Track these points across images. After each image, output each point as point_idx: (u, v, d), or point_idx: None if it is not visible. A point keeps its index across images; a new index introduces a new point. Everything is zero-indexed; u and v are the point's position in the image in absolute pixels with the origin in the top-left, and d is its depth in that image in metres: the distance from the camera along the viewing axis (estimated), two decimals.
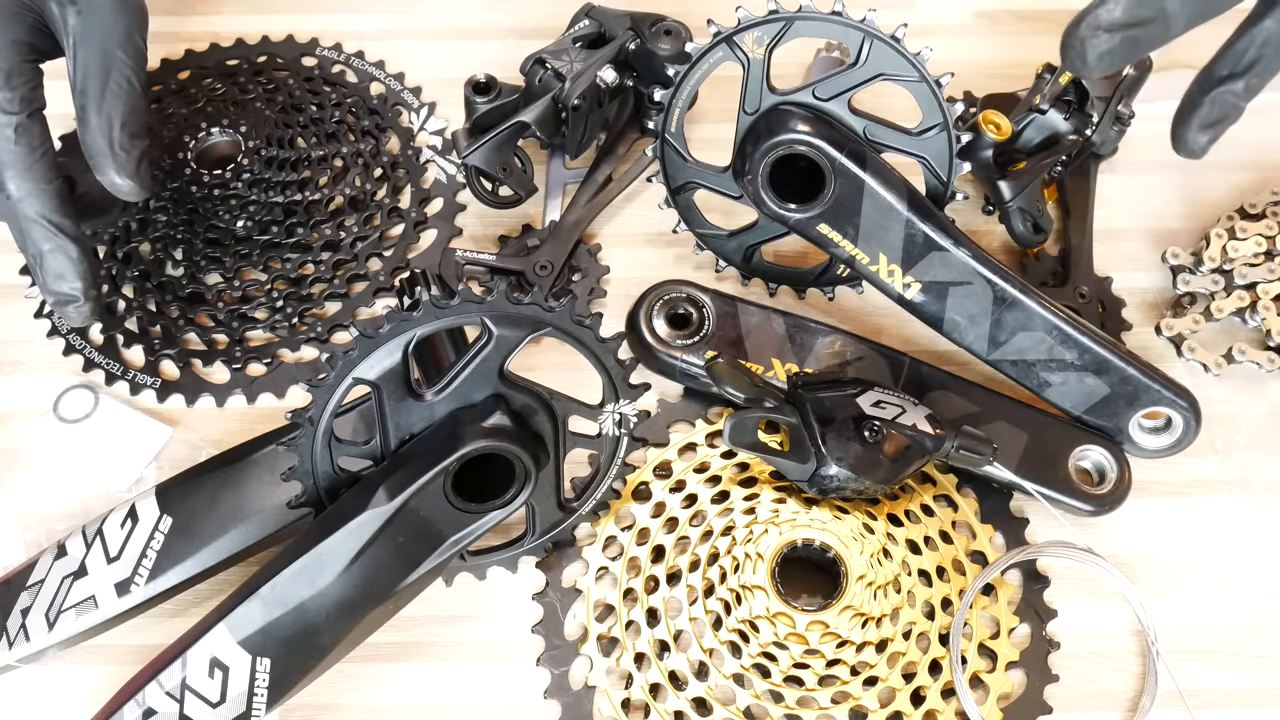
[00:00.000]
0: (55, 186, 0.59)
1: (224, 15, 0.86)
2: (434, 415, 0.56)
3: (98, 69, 0.59)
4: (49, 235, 0.59)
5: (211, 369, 0.71)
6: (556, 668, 0.61)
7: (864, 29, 0.62)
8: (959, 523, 0.65)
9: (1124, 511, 0.65)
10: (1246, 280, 0.70)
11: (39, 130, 0.58)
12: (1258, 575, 0.65)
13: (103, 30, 0.59)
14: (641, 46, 0.73)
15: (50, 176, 0.58)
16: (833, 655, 0.60)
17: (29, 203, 0.58)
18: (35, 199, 0.58)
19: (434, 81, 0.82)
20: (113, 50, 0.59)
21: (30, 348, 0.71)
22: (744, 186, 0.67)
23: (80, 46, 0.59)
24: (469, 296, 0.53)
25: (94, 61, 0.59)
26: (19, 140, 0.57)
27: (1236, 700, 0.61)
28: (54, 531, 0.64)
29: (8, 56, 0.57)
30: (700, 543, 0.63)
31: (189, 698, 0.53)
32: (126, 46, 0.60)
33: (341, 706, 0.60)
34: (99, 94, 0.59)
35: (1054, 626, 0.63)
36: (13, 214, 0.60)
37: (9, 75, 0.57)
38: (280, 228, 0.74)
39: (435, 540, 0.56)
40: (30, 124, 0.57)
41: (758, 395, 0.63)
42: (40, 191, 0.58)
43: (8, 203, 0.59)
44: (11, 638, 0.58)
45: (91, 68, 0.59)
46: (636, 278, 0.72)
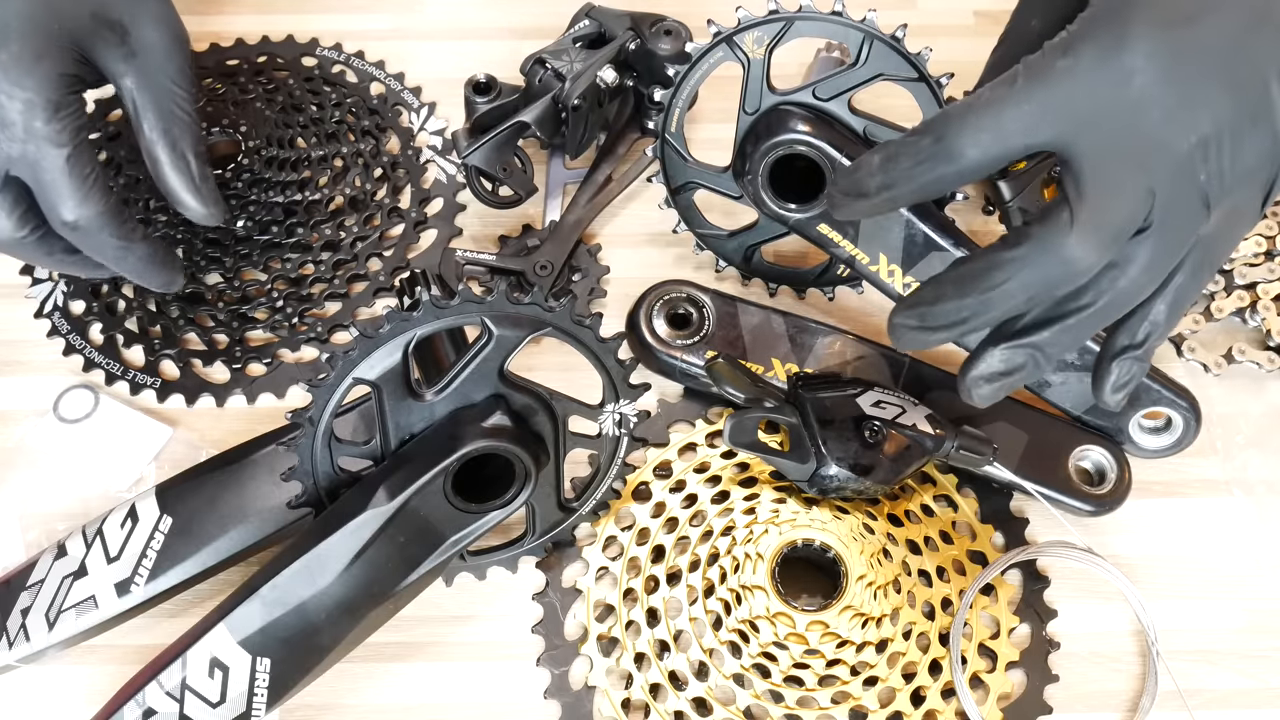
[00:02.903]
0: (112, 204, 0.59)
1: (224, 15, 0.85)
2: (434, 415, 0.56)
3: (163, 110, 0.60)
4: (121, 253, 0.60)
5: (211, 369, 0.71)
6: (556, 668, 0.61)
7: (864, 29, 0.62)
8: (959, 523, 0.65)
9: (1124, 511, 0.65)
10: (1246, 280, 0.70)
11: (89, 156, 0.58)
12: (1258, 575, 0.65)
13: (160, 69, 0.60)
14: (641, 46, 0.73)
15: (105, 197, 0.59)
16: (833, 655, 0.60)
17: (93, 227, 0.59)
18: (97, 221, 0.58)
19: (434, 81, 0.82)
20: (172, 88, 0.61)
21: (30, 348, 0.71)
22: (744, 186, 0.67)
23: (140, 90, 0.60)
24: (469, 296, 0.53)
25: (157, 103, 0.60)
26: (72, 171, 0.57)
27: (1236, 700, 0.61)
28: (54, 531, 0.64)
29: (56, 89, 0.57)
30: (700, 543, 0.63)
31: (189, 698, 0.53)
32: (181, 81, 0.61)
33: (341, 706, 0.60)
34: (168, 133, 0.60)
35: (1054, 626, 0.63)
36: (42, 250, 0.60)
37: (58, 107, 0.57)
38: (280, 228, 0.74)
39: (435, 540, 0.56)
40: (80, 153, 0.58)
41: (758, 395, 0.63)
42: (99, 214, 0.58)
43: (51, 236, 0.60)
44: (11, 638, 0.58)
45: (158, 109, 0.60)
46: (636, 278, 0.72)
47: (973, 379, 0.50)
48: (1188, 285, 0.49)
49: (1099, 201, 0.45)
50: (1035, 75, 0.45)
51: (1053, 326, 0.49)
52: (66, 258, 0.62)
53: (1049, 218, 0.46)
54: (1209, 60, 0.45)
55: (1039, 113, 0.45)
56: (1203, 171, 0.46)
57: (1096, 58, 0.45)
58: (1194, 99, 0.45)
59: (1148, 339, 0.50)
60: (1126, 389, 0.51)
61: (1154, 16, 0.45)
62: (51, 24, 0.58)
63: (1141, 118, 0.45)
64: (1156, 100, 0.45)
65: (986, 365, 0.50)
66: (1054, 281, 0.47)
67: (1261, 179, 0.47)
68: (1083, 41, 0.45)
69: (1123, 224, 0.46)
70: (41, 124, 0.57)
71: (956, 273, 0.49)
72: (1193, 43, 0.45)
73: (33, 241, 0.60)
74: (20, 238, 0.59)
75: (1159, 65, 0.44)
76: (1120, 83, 0.45)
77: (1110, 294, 0.48)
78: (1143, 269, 0.47)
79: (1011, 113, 0.45)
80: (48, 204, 0.58)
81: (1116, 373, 0.51)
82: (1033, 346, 0.49)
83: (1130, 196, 0.45)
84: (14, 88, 0.56)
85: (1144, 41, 0.45)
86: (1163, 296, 0.49)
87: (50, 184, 0.57)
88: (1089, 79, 0.45)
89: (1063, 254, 0.46)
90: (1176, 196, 0.46)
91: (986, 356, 0.50)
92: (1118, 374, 0.51)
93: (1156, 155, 0.45)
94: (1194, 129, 0.45)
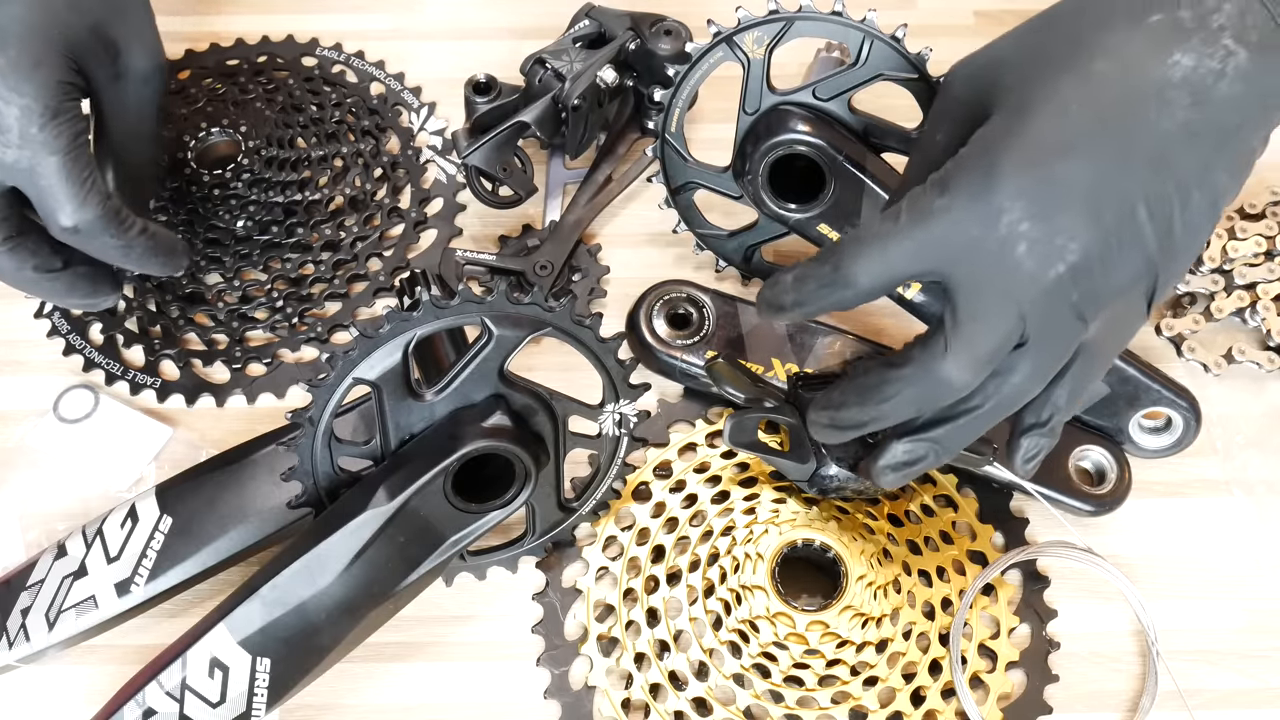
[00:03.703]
0: (110, 207, 0.59)
1: (224, 15, 0.85)
2: (434, 415, 0.56)
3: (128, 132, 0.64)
4: (123, 251, 0.60)
5: (211, 369, 0.71)
6: (556, 668, 0.61)
7: (864, 29, 0.62)
8: (959, 523, 0.65)
9: (1124, 511, 0.65)
10: (1246, 280, 0.70)
11: (85, 161, 0.58)
12: (1258, 575, 0.65)
13: (137, 94, 0.64)
14: (641, 46, 0.73)
15: (103, 201, 0.58)
16: (833, 655, 0.60)
17: (92, 231, 0.58)
18: (95, 225, 0.58)
19: (434, 81, 0.82)
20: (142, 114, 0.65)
21: (30, 348, 0.71)
22: (744, 186, 0.67)
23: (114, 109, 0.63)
24: (469, 296, 0.53)
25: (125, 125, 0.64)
26: (69, 176, 0.57)
27: (1236, 700, 0.61)
28: (54, 531, 0.64)
29: (54, 95, 0.57)
30: (700, 543, 0.63)
31: (189, 698, 0.53)
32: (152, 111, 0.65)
33: (341, 706, 0.60)
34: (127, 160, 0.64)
35: (1054, 626, 0.63)
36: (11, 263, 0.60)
37: (55, 113, 0.57)
38: (280, 228, 0.74)
39: (435, 540, 0.56)
40: (76, 158, 0.58)
41: (758, 395, 0.63)
42: (97, 218, 0.58)
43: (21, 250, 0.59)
44: (11, 638, 0.58)
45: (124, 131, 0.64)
46: (636, 278, 0.72)
47: (879, 469, 0.54)
48: (1083, 375, 0.53)
49: (969, 330, 0.49)
50: (915, 213, 0.49)
51: (946, 425, 0.52)
52: (38, 277, 0.61)
53: (928, 342, 0.50)
54: (1073, 194, 0.47)
55: (918, 248, 0.49)
56: (1074, 293, 0.48)
57: (967, 198, 0.48)
58: (1060, 232, 0.47)
59: (1051, 419, 0.53)
60: (1036, 460, 0.55)
61: (1020, 158, 0.48)
62: (51, 31, 0.58)
63: (1009, 252, 0.48)
64: (1023, 235, 0.47)
65: (891, 456, 0.54)
66: (936, 397, 0.51)
67: (1140, 289, 0.50)
68: (955, 181, 0.49)
69: (993, 349, 0.49)
70: (38, 130, 0.56)
71: (856, 383, 0.53)
72: (1057, 180, 0.47)
73: (4, 253, 0.59)
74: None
75: (1024, 203, 0.47)
76: (989, 221, 0.48)
77: (996, 398, 0.51)
78: (1025, 377, 0.50)
79: (895, 248, 0.49)
80: (46, 210, 0.58)
81: (1025, 446, 0.54)
82: (931, 440, 0.53)
83: (1000, 323, 0.49)
84: (11, 93, 0.56)
85: (1010, 181, 0.47)
86: (1061, 385, 0.52)
87: (47, 190, 0.57)
88: (960, 218, 0.48)
89: (938, 377, 0.50)
90: (1049, 318, 0.49)
91: (891, 448, 0.54)
92: (1026, 448, 0.54)
93: (1025, 285, 0.48)
94: (1061, 259, 0.48)
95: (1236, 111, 0.48)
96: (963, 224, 0.48)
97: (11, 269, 0.60)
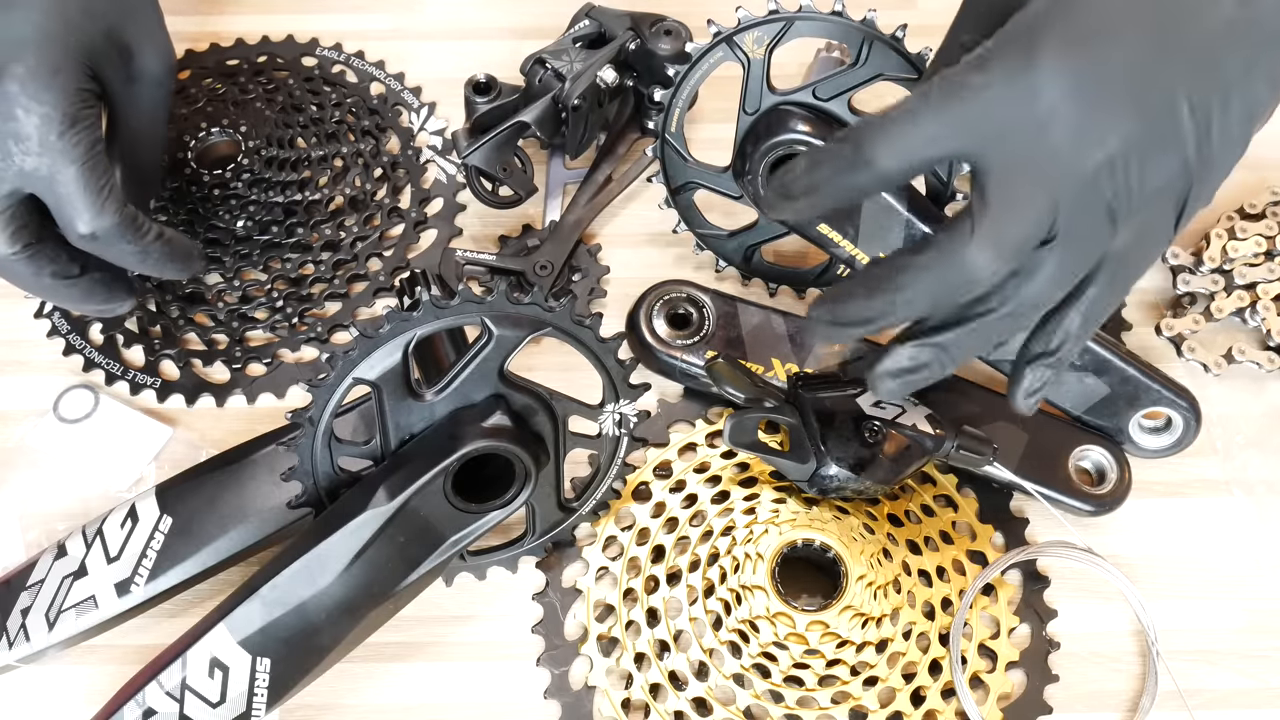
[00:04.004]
0: (127, 214, 0.59)
1: (224, 15, 0.85)
2: (434, 415, 0.56)
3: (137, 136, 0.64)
4: (140, 257, 0.60)
5: (211, 369, 0.71)
6: (556, 668, 0.61)
7: (864, 29, 0.62)
8: (959, 523, 0.65)
9: (1124, 511, 0.65)
10: (1246, 280, 0.70)
11: (103, 168, 0.58)
12: (1258, 575, 0.65)
13: (148, 98, 0.64)
14: (641, 46, 0.73)
15: (120, 208, 0.58)
16: (833, 655, 0.60)
17: (110, 238, 0.58)
18: (113, 232, 0.58)
19: (434, 81, 0.82)
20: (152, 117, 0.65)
21: (30, 348, 0.71)
22: (744, 186, 0.67)
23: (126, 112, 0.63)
24: (469, 296, 0.53)
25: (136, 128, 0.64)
26: (88, 184, 0.57)
27: (1236, 700, 0.61)
28: (54, 531, 0.64)
29: (72, 103, 0.57)
30: (700, 543, 0.63)
31: (189, 698, 0.53)
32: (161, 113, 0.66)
33: (341, 706, 0.60)
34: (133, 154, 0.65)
35: (1054, 626, 0.63)
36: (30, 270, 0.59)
37: (74, 121, 0.57)
38: (280, 228, 0.74)
39: (435, 540, 0.56)
40: (95, 165, 0.57)
41: (758, 395, 0.63)
42: (115, 225, 0.58)
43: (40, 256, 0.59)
44: (11, 638, 0.58)
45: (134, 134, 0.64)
46: (636, 278, 0.72)
47: (879, 373, 0.52)
48: (1101, 298, 0.50)
49: (1000, 213, 0.46)
50: (948, 90, 0.47)
51: (958, 329, 0.50)
52: (55, 283, 0.60)
53: (953, 227, 0.48)
54: (1116, 81, 0.46)
55: (950, 126, 0.47)
56: (1109, 189, 0.46)
57: (1006, 75, 0.46)
58: (1100, 118, 0.46)
59: (1060, 347, 0.51)
60: (1039, 394, 0.53)
61: (1062, 36, 0.46)
62: (68, 38, 0.58)
63: (1047, 135, 0.46)
64: (1062, 118, 0.45)
65: (893, 361, 0.51)
66: (955, 288, 0.48)
67: (1172, 199, 0.48)
68: (994, 59, 0.46)
69: (1022, 236, 0.47)
70: (57, 138, 0.56)
71: (866, 274, 0.50)
72: (1099, 63, 0.46)
73: (22, 260, 0.58)
74: (11, 254, 0.58)
75: (1065, 84, 0.45)
76: (1027, 101, 0.46)
77: (1015, 301, 0.49)
78: (1047, 279, 0.48)
79: (924, 125, 0.47)
80: (64, 217, 0.57)
81: (1030, 378, 0.52)
82: (938, 346, 0.50)
83: (1031, 210, 0.46)
84: (31, 101, 0.56)
85: (1051, 60, 0.45)
86: (1076, 307, 0.50)
87: (66, 197, 0.57)
88: (998, 96, 0.46)
89: (962, 262, 0.47)
90: (1081, 212, 0.47)
91: (894, 352, 0.51)
92: (1030, 379, 0.52)
93: (1061, 172, 0.46)
94: (1100, 148, 0.46)
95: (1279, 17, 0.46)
96: (1000, 102, 0.46)
97: (29, 275, 0.60)
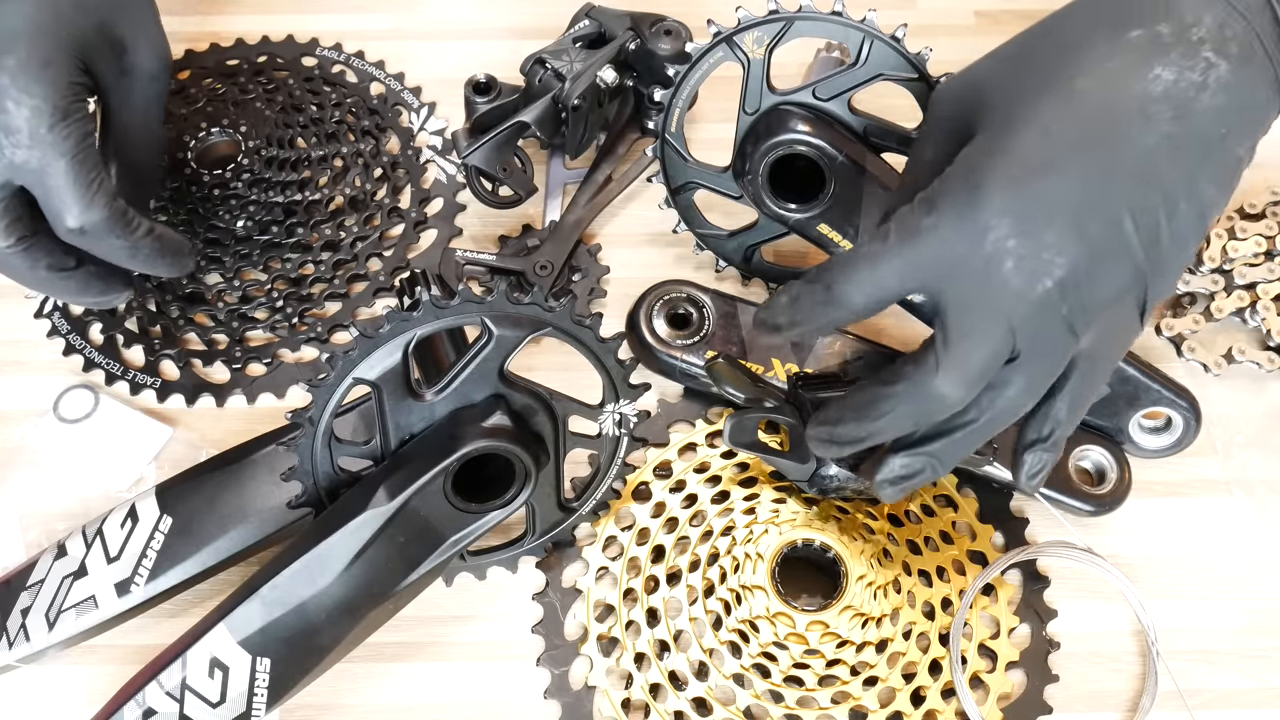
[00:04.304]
0: (117, 208, 0.59)
1: (224, 15, 0.85)
2: (434, 415, 0.56)
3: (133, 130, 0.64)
4: (130, 252, 0.60)
5: (211, 369, 0.71)
6: (556, 668, 0.61)
7: (864, 29, 0.62)
8: (959, 523, 0.65)
9: (1124, 511, 0.65)
10: (1246, 280, 0.70)
11: (93, 162, 0.58)
12: (1258, 575, 0.65)
13: (142, 92, 0.64)
14: (641, 46, 0.73)
15: (110, 202, 0.58)
16: (833, 655, 0.60)
17: (99, 232, 0.58)
18: (102, 226, 0.58)
19: (434, 81, 0.82)
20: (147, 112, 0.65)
21: (30, 348, 0.71)
22: (744, 186, 0.67)
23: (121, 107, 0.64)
24: (469, 296, 0.53)
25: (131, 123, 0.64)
26: (77, 178, 0.57)
27: (1236, 700, 0.61)
28: (54, 531, 0.64)
29: (63, 96, 0.57)
30: (700, 543, 0.63)
31: (189, 698, 0.53)
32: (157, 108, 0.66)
33: (341, 706, 0.60)
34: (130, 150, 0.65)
35: (1054, 626, 0.63)
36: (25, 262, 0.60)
37: (64, 114, 0.57)
38: (280, 228, 0.74)
39: (435, 540, 0.56)
40: (85, 159, 0.58)
41: (758, 395, 0.63)
42: (104, 219, 0.58)
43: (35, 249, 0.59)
44: (11, 638, 0.58)
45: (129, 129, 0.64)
46: (636, 278, 0.72)
47: (879, 482, 0.54)
48: (1081, 388, 0.52)
49: (960, 347, 0.49)
50: (903, 232, 0.50)
51: (943, 439, 0.52)
52: (51, 276, 0.61)
53: (920, 359, 0.50)
54: (1058, 211, 0.48)
55: (907, 266, 0.50)
56: (1063, 307, 0.48)
57: (954, 215, 0.48)
58: (1046, 247, 0.48)
59: (1053, 433, 0.53)
60: (1041, 475, 0.55)
61: (1004, 175, 0.48)
62: (60, 31, 0.58)
63: (996, 269, 0.48)
64: (1010, 252, 0.48)
65: (889, 470, 0.54)
66: (930, 413, 0.51)
67: (1130, 301, 0.50)
68: (941, 200, 0.49)
69: (983, 365, 0.49)
70: (47, 130, 0.56)
71: (852, 400, 0.53)
72: (1041, 197, 0.48)
73: (18, 253, 0.59)
74: (5, 247, 0.58)
75: (1010, 220, 0.48)
76: (976, 238, 0.48)
77: (991, 412, 0.51)
78: (1019, 390, 0.50)
79: (885, 266, 0.50)
80: (53, 211, 0.58)
81: (1029, 463, 0.54)
82: (928, 455, 0.53)
83: (989, 340, 0.49)
84: (22, 94, 0.56)
85: (995, 199, 0.48)
86: (1060, 398, 0.52)
87: (54, 190, 0.57)
88: (948, 235, 0.49)
89: (931, 393, 0.50)
90: (1039, 332, 0.49)
91: (889, 462, 0.54)
92: (1030, 464, 0.54)
93: (1012, 301, 0.48)
94: (1048, 274, 0.48)
95: (1220, 123, 0.48)
96: (950, 242, 0.48)
97: (25, 268, 0.60)
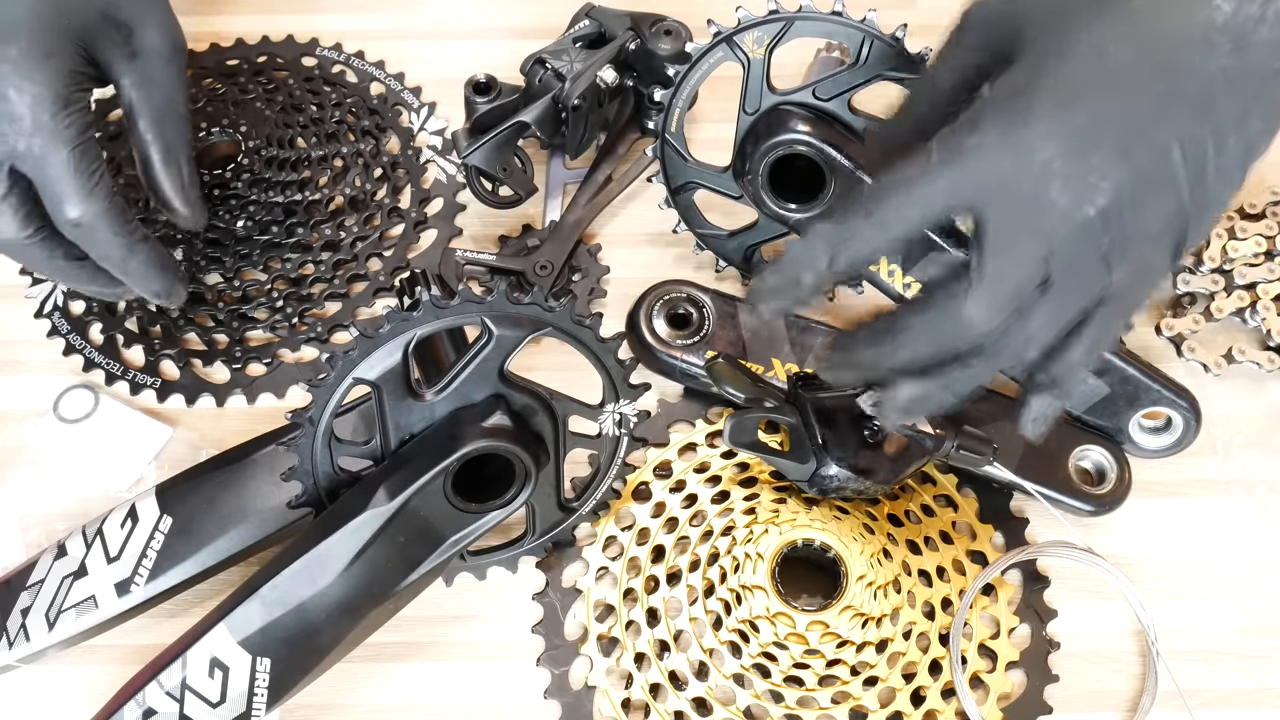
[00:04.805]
0: (116, 203, 0.59)
1: (224, 15, 0.85)
2: (434, 415, 0.56)
3: (158, 113, 0.63)
4: (124, 252, 0.60)
5: (211, 369, 0.71)
6: (556, 668, 0.61)
7: (864, 29, 0.62)
8: (959, 523, 0.65)
9: (1124, 511, 0.65)
10: (1246, 280, 0.70)
11: (94, 154, 0.58)
12: (1258, 575, 0.65)
13: (158, 73, 0.63)
14: (641, 46, 0.73)
15: (109, 195, 0.59)
16: (833, 655, 0.60)
17: (97, 225, 0.59)
18: (101, 219, 0.58)
19: (434, 81, 0.82)
20: (168, 92, 0.63)
21: (30, 348, 0.71)
22: (744, 186, 0.67)
23: (138, 91, 0.63)
24: (469, 296, 0.53)
25: (153, 105, 0.63)
26: (77, 167, 0.57)
27: (1236, 700, 0.61)
28: (54, 531, 0.64)
29: (65, 85, 0.57)
30: (700, 543, 0.63)
31: (189, 698, 0.53)
32: (178, 86, 0.64)
33: (341, 706, 0.60)
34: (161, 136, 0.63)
35: (1054, 626, 0.63)
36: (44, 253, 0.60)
37: (66, 103, 0.57)
38: (280, 228, 0.74)
39: (435, 540, 0.56)
40: (85, 149, 0.58)
41: (758, 395, 0.63)
42: (102, 212, 0.58)
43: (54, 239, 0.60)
44: (11, 638, 0.58)
45: (154, 112, 0.63)
46: (636, 278, 0.72)
47: (885, 404, 0.54)
48: (1100, 331, 0.52)
49: (995, 266, 0.48)
50: (946, 151, 0.49)
51: (957, 366, 0.52)
52: (68, 265, 0.61)
53: (949, 285, 0.50)
54: (1107, 135, 0.47)
55: (951, 185, 0.49)
56: (1104, 237, 0.48)
57: (1000, 135, 0.48)
58: (1092, 172, 0.47)
59: (1064, 377, 0.53)
60: (1043, 422, 0.54)
61: (1054, 97, 0.48)
62: (61, 21, 0.58)
63: (1041, 190, 0.47)
64: (1056, 174, 0.47)
65: (898, 394, 0.53)
66: (954, 337, 0.50)
67: (1168, 239, 0.49)
68: (988, 120, 0.48)
69: (1017, 287, 0.49)
70: (49, 119, 0.57)
71: (870, 328, 0.52)
72: (1092, 119, 0.47)
73: (36, 243, 0.59)
74: (24, 238, 0.59)
75: (1058, 141, 0.47)
76: (1023, 158, 0.47)
77: (1010, 340, 0.50)
78: (1043, 320, 0.50)
79: (929, 186, 0.49)
80: (52, 200, 0.58)
81: (1035, 406, 0.54)
82: (941, 381, 0.52)
83: (1026, 261, 0.48)
84: (24, 82, 0.56)
85: (1044, 120, 0.47)
86: (1078, 341, 0.52)
87: (55, 179, 0.57)
88: (993, 154, 0.48)
89: (960, 316, 0.49)
90: (1076, 260, 0.48)
91: (900, 385, 0.53)
92: (1036, 407, 0.54)
93: (1055, 224, 0.48)
94: (1093, 200, 0.47)
95: (1275, 57, 0.48)
96: (996, 160, 0.48)
97: (44, 258, 0.61)
